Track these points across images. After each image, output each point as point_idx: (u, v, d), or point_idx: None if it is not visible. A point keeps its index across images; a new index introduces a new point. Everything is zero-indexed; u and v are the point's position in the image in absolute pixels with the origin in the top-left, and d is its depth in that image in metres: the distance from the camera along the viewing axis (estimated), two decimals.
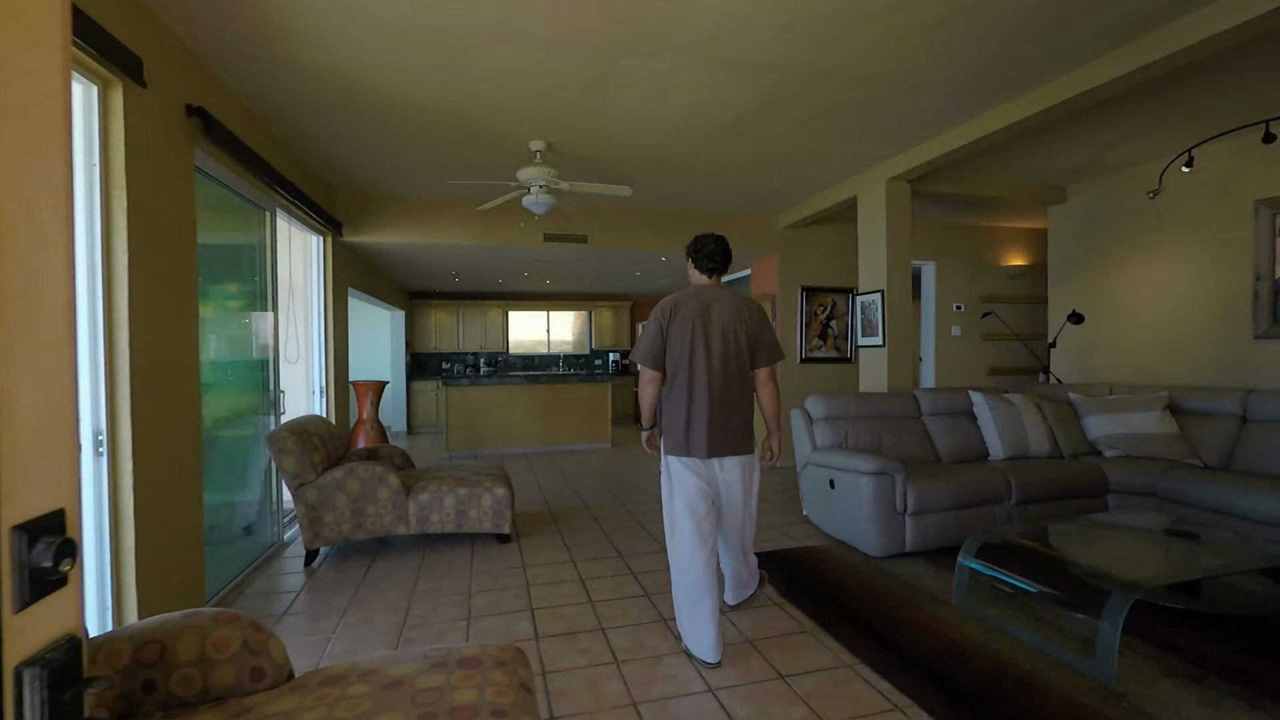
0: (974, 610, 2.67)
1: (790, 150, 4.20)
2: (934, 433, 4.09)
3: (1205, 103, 3.48)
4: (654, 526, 4.06)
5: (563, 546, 3.67)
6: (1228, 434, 3.78)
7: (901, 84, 3.17)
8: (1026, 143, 4.12)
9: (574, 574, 3.23)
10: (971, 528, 3.45)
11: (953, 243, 6.41)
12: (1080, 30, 2.68)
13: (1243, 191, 4.02)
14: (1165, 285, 4.51)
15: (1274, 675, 2.14)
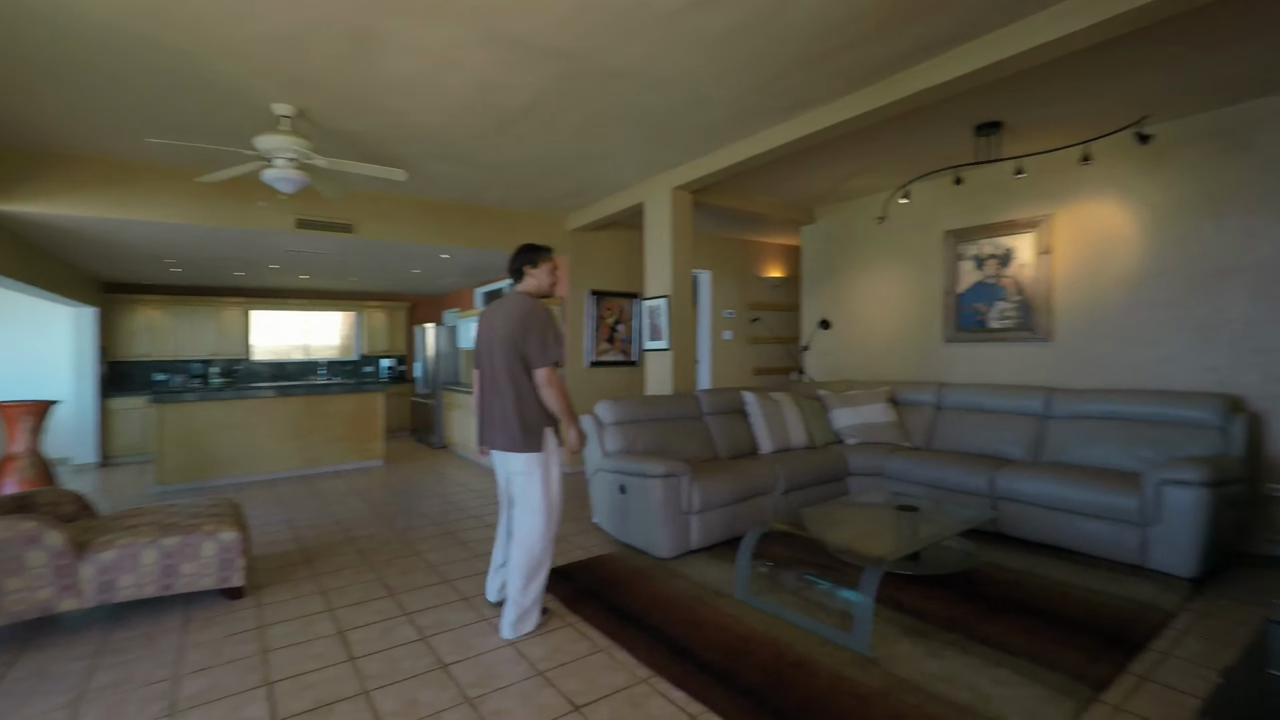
0: (755, 600, 2.80)
1: (582, 150, 4.11)
2: (714, 431, 4.32)
3: (914, 147, 4.20)
4: (434, 554, 3.63)
5: (317, 593, 3.06)
6: (928, 420, 4.62)
7: (690, 94, 3.25)
8: (786, 166, 4.59)
9: (331, 626, 2.69)
10: (748, 519, 3.69)
11: (725, 253, 6.98)
12: (826, 71, 3.00)
13: (938, 223, 4.97)
14: (888, 298, 5.39)
15: (976, 621, 2.57)
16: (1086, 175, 4.08)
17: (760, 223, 6.32)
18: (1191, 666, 2.20)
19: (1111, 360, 4.00)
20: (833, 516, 3.16)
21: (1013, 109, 3.53)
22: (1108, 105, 3.47)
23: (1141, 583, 2.93)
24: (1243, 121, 3.49)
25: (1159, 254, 3.81)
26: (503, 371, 2.53)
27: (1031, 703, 1.98)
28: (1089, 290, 4.12)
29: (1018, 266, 4.48)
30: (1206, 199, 3.62)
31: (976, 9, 2.49)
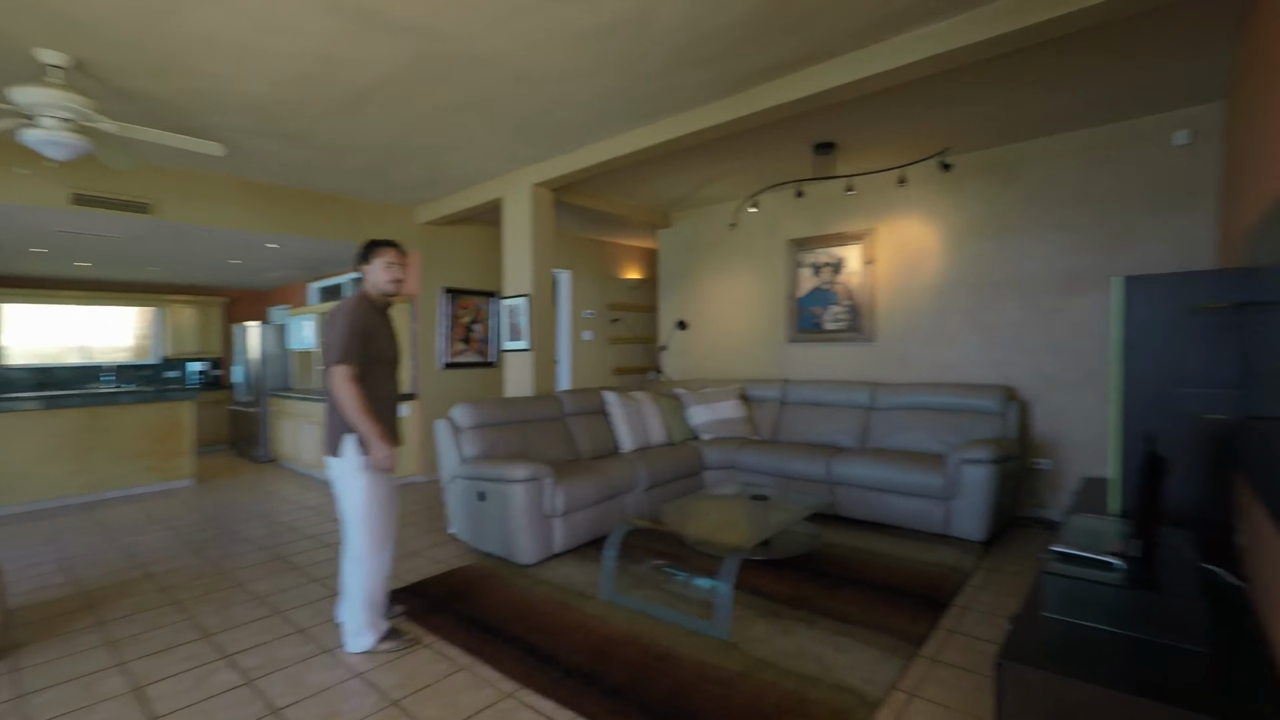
0: (620, 599, 2.81)
1: (436, 138, 3.86)
2: (575, 432, 4.29)
3: (762, 160, 4.50)
4: (261, 583, 3.20)
5: (103, 646, 2.53)
6: (774, 414, 4.98)
7: (555, 90, 3.18)
8: (646, 170, 4.69)
9: (122, 683, 2.24)
10: (611, 518, 3.70)
11: (584, 254, 6.98)
12: (688, 80, 3.11)
13: (782, 232, 5.38)
14: (739, 300, 5.73)
15: (820, 597, 2.81)
16: (903, 195, 4.65)
17: (619, 224, 6.41)
18: (986, 616, 2.59)
19: (922, 358, 4.60)
20: (691, 510, 3.27)
21: (845, 131, 3.91)
22: (921, 135, 3.98)
23: (946, 548, 3.39)
24: (1016, 159, 4.19)
25: (956, 267, 4.45)
26: (324, 375, 2.50)
27: (868, 665, 2.19)
28: (904, 297, 4.70)
29: (848, 274, 4.98)
30: (989, 222, 4.30)
31: (827, 35, 2.70)
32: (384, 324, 2.50)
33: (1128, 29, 2.68)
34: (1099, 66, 3.05)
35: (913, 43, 2.70)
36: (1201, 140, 3.54)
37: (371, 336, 2.40)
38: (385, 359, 2.48)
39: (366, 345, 2.37)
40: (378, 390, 2.42)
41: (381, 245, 2.47)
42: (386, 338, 2.49)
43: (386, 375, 2.50)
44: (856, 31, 2.68)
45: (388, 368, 2.50)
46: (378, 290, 2.47)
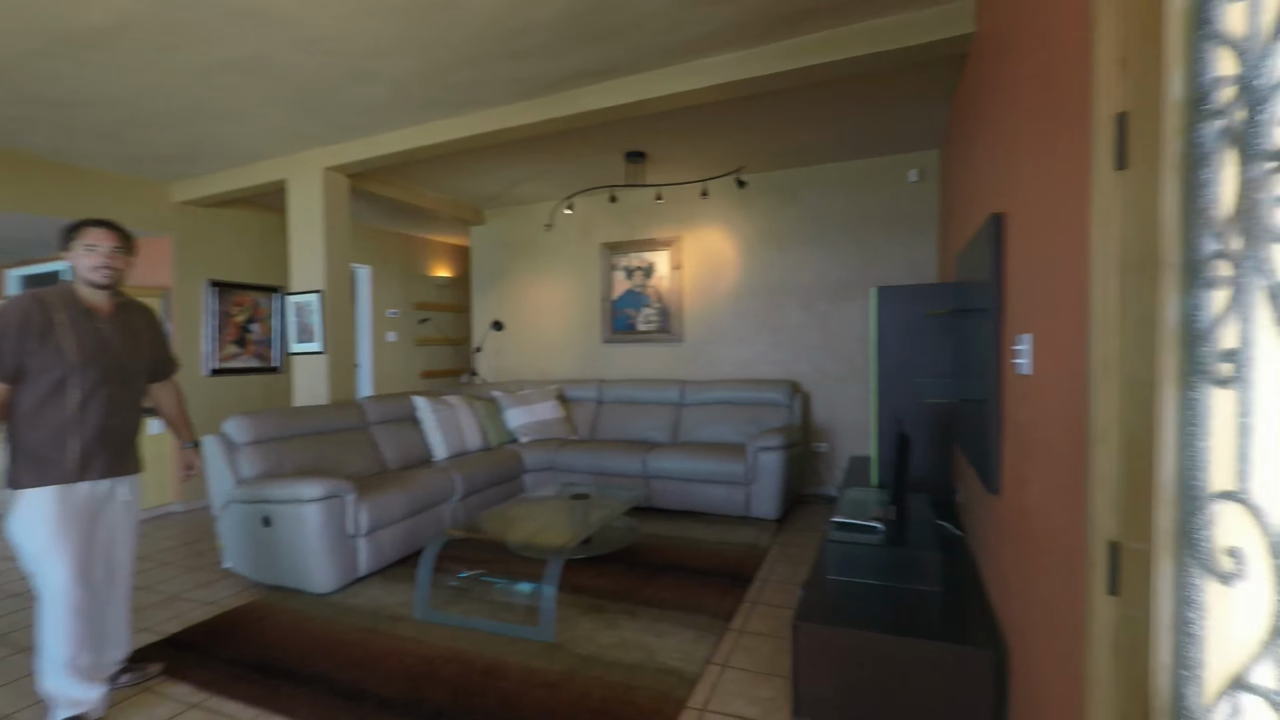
0: (437, 616, 2.65)
1: (200, 102, 3.25)
2: (381, 442, 3.94)
3: (578, 163, 4.56)
4: None
5: None
6: (592, 413, 5.09)
7: (351, 64, 2.87)
8: (457, 163, 4.46)
9: None
10: (425, 532, 3.47)
11: (387, 248, 6.44)
12: (500, 74, 3.03)
13: (597, 235, 5.50)
14: (555, 301, 5.73)
15: (640, 588, 2.93)
16: (704, 206, 5.04)
17: (427, 218, 6.02)
18: (783, 586, 2.93)
19: (724, 356, 5.05)
20: (511, 515, 3.21)
21: (655, 143, 4.13)
22: (721, 153, 4.36)
23: (747, 529, 3.77)
24: (795, 182, 4.79)
25: (750, 275, 4.96)
26: None
27: (686, 645, 2.35)
28: (708, 300, 5.11)
29: (658, 278, 5.27)
30: (776, 235, 4.87)
31: (633, 49, 2.82)
32: (87, 326, 1.96)
33: (871, 83, 3.23)
34: (852, 111, 3.63)
35: (708, 68, 2.96)
36: (926, 179, 4.40)
37: (43, 341, 1.87)
38: (94, 369, 1.95)
39: (28, 353, 1.87)
40: (58, 411, 1.90)
41: (84, 225, 1.99)
42: (92, 344, 1.96)
43: (95, 391, 1.96)
44: (659, 50, 2.86)
45: (101, 381, 1.97)
46: (88, 281, 1.98)
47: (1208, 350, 0.76)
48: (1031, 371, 1.50)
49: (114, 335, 2.03)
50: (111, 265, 1.99)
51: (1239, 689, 0.66)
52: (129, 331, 2.09)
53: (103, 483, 2.01)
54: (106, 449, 2.00)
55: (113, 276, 2.01)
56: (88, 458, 1.96)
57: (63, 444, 1.92)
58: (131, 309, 2.15)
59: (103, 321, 2.01)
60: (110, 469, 2.02)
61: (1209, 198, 0.79)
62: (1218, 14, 0.79)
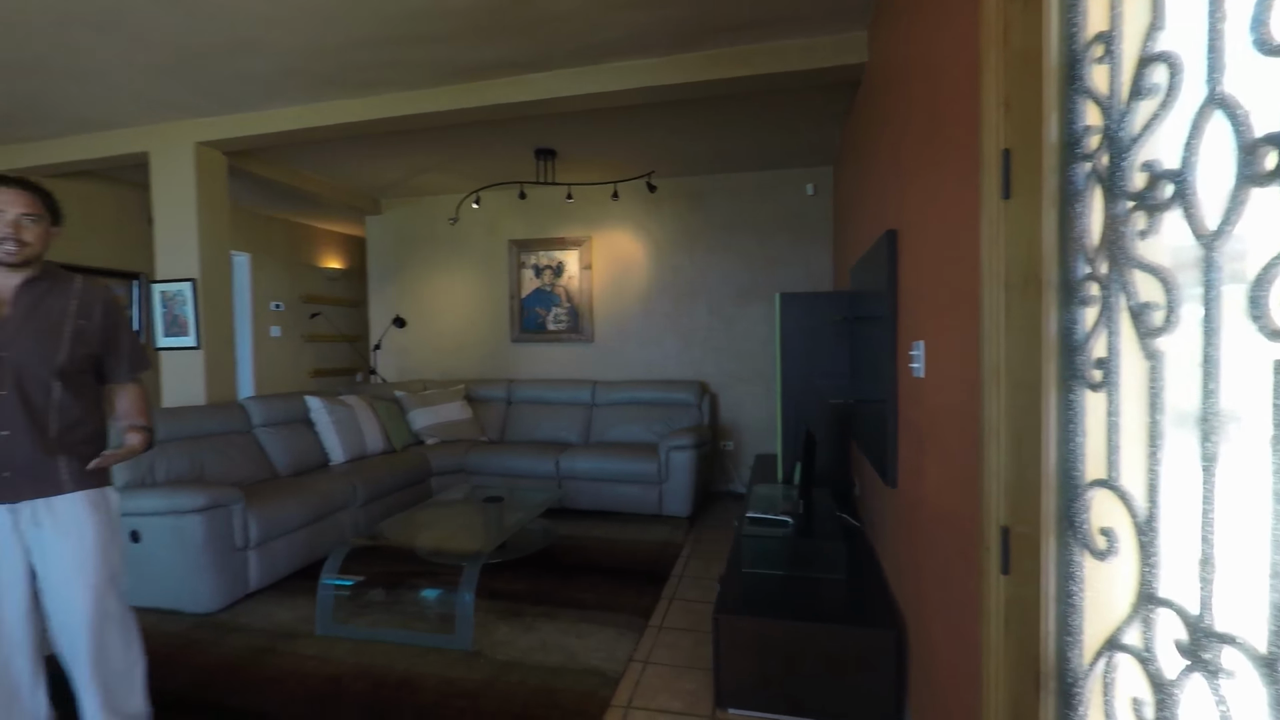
0: (342, 630, 2.49)
1: (36, 56, 2.82)
2: (269, 446, 3.63)
3: (486, 156, 4.43)
4: None
5: None
6: (501, 414, 4.98)
7: (230, 30, 2.61)
8: (352, 147, 4.19)
9: None
10: (324, 542, 3.24)
11: (270, 236, 5.93)
12: (406, 58, 2.89)
13: (504, 232, 5.37)
14: (460, 298, 5.53)
15: (558, 589, 2.91)
16: (614, 208, 5.08)
17: (316, 204, 5.60)
18: (698, 581, 3.03)
19: (634, 357, 5.12)
20: (420, 520, 3.08)
21: (566, 141, 4.11)
22: (632, 156, 4.41)
23: (661, 527, 3.85)
24: (703, 188, 4.95)
25: (660, 277, 5.06)
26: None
27: (608, 645, 2.37)
28: (618, 301, 5.15)
29: (568, 278, 5.25)
30: (684, 240, 5.00)
31: (548, 46, 2.80)
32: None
33: (775, 99, 3.41)
34: (757, 124, 3.82)
35: (622, 72, 3.01)
36: (821, 193, 4.71)
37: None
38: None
39: None
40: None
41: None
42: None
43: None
44: (576, 49, 2.86)
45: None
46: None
47: (1083, 359, 0.90)
48: (924, 375, 1.67)
49: (10, 324, 1.60)
50: (19, 238, 1.57)
51: (1113, 649, 0.78)
52: (37, 318, 1.63)
53: (2, 508, 1.58)
54: (3, 468, 1.58)
55: (22, 253, 1.58)
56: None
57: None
58: (55, 292, 1.67)
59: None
60: (6, 493, 1.58)
61: (1081, 228, 0.93)
62: (1085, 72, 0.92)
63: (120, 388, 1.83)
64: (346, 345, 6.68)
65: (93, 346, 1.71)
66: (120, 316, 1.80)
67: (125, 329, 1.81)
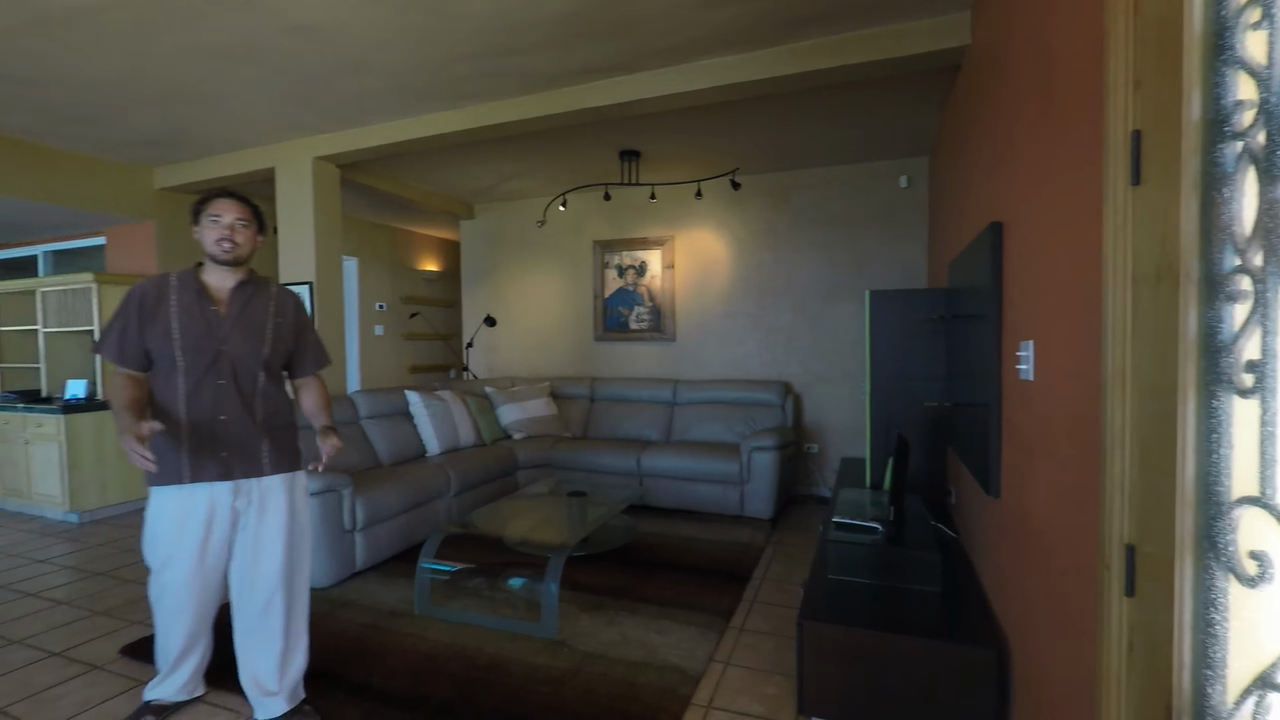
0: (437, 612, 2.64)
1: (184, 85, 3.18)
2: (373, 436, 3.91)
3: (572, 159, 4.54)
4: None
5: None
6: (584, 411, 5.09)
7: (346, 52, 2.83)
8: (448, 156, 4.43)
9: None
10: (420, 528, 3.45)
11: (375, 241, 6.37)
12: (499, 69, 3.01)
13: (589, 233, 5.49)
14: (547, 298, 5.71)
15: (638, 585, 2.95)
16: (697, 207, 5.07)
17: (415, 211, 5.96)
18: (780, 584, 2.97)
19: (716, 356, 5.08)
20: (508, 512, 3.20)
21: (650, 142, 4.14)
22: (715, 154, 4.38)
23: (742, 528, 3.81)
24: (788, 184, 4.83)
25: (743, 275, 4.99)
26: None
27: (688, 643, 2.37)
28: (700, 300, 5.14)
29: (650, 277, 5.29)
30: (768, 237, 4.91)
31: (636, 48, 2.83)
32: (196, 308, 1.79)
33: (866, 89, 3.28)
34: (846, 116, 3.68)
35: (707, 70, 3.00)
36: (916, 185, 4.47)
37: (155, 324, 1.75)
38: (200, 357, 1.77)
39: (147, 338, 1.76)
40: (171, 404, 1.77)
41: (211, 197, 1.84)
42: (198, 328, 1.77)
43: (202, 382, 1.78)
44: (660, 50, 2.87)
45: (209, 371, 1.78)
46: (208, 257, 1.83)
47: (1230, 361, 0.80)
48: (1033, 377, 1.55)
49: (227, 320, 1.81)
50: (233, 239, 1.81)
51: (1265, 688, 0.70)
52: (247, 317, 1.85)
53: (221, 486, 1.80)
54: (221, 448, 1.79)
55: (234, 252, 1.81)
56: (198, 457, 1.77)
57: (179, 440, 1.76)
58: (260, 294, 1.90)
59: (215, 305, 1.82)
60: (226, 471, 1.79)
61: (1230, 215, 0.83)
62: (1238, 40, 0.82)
63: (304, 381, 2.05)
64: (442, 343, 7.07)
65: (287, 342, 1.93)
66: (306, 316, 2.04)
67: (310, 327, 2.05)
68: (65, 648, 2.44)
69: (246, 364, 1.83)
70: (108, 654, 2.38)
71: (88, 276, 4.50)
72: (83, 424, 4.30)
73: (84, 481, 4.28)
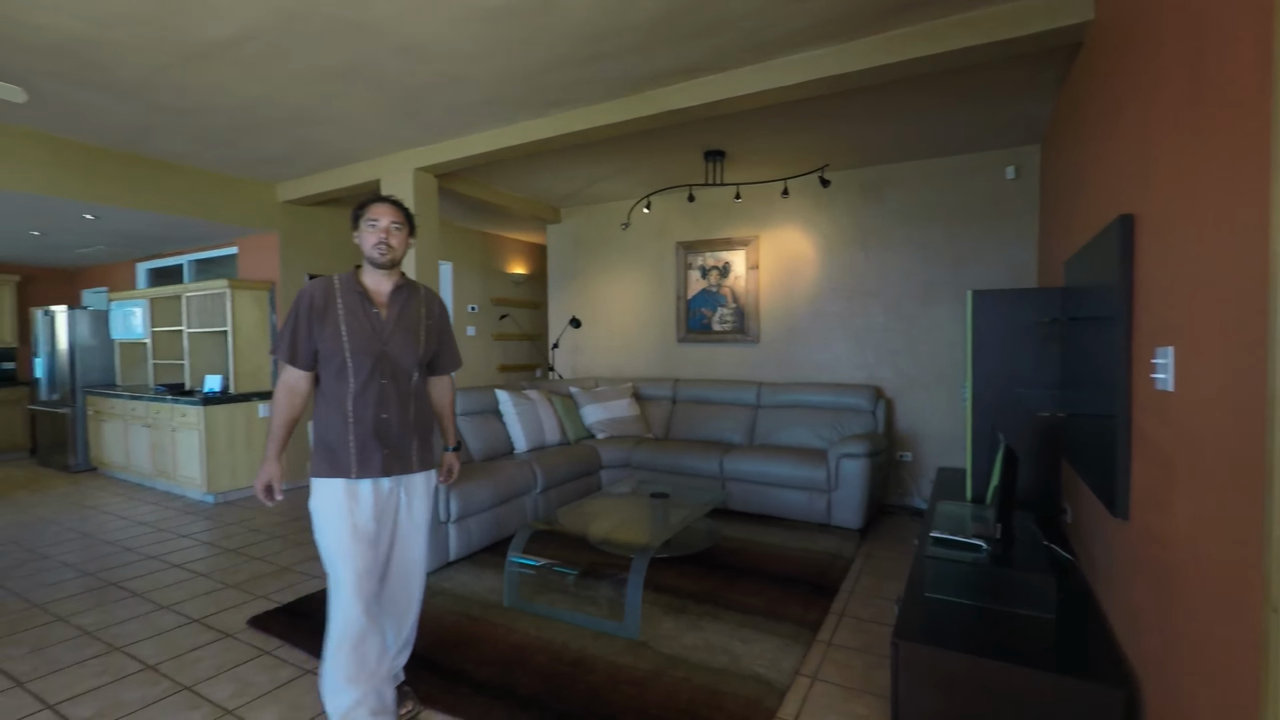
0: (525, 605, 2.73)
1: (305, 108, 3.47)
2: (466, 433, 4.09)
3: (655, 161, 4.56)
4: (86, 616, 2.70)
5: None
6: (666, 412, 5.10)
7: (445, 68, 2.98)
8: (536, 162, 4.56)
9: None
10: (509, 522, 3.58)
11: (467, 245, 6.68)
12: (589, 74, 3.06)
13: (672, 234, 5.50)
14: (630, 299, 5.78)
15: (721, 590, 2.91)
16: (783, 205, 4.95)
17: (504, 216, 6.19)
18: (870, 599, 2.84)
19: (802, 358, 4.94)
20: (591, 511, 3.25)
21: (735, 141, 4.08)
22: (802, 151, 4.26)
23: (829, 537, 3.68)
24: (880, 179, 4.62)
25: (830, 275, 4.82)
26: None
27: (772, 653, 2.32)
28: (785, 301, 5.01)
29: (734, 278, 5.21)
30: (858, 235, 4.71)
31: (726, 46, 2.80)
32: (360, 311, 1.85)
33: (974, 76, 3.06)
34: (946, 105, 3.45)
35: (798, 64, 2.90)
36: (1025, 176, 4.14)
37: (324, 325, 1.82)
38: (365, 357, 1.83)
39: (318, 339, 1.82)
40: (341, 402, 1.83)
41: (369, 202, 1.89)
42: (363, 330, 1.83)
43: (368, 382, 1.83)
44: (748, 47, 2.81)
45: (374, 371, 1.84)
46: (367, 261, 1.89)
47: None
48: (1173, 387, 1.39)
49: (388, 322, 1.89)
50: (389, 242, 1.86)
51: None
52: (404, 319, 1.92)
53: (383, 481, 1.86)
54: (383, 445, 1.84)
55: (390, 255, 1.87)
56: (364, 453, 1.82)
57: (346, 437, 1.82)
58: (414, 296, 1.97)
59: (377, 307, 1.88)
60: (387, 467, 1.85)
61: None
62: None
63: (437, 380, 2.13)
64: (528, 343, 7.32)
65: (434, 342, 2.01)
66: (448, 318, 2.12)
67: (450, 328, 2.12)
68: (203, 615, 2.72)
69: (404, 364, 1.89)
70: (238, 624, 2.63)
71: (223, 282, 5.01)
72: (218, 415, 4.79)
73: (218, 466, 4.77)
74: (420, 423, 1.96)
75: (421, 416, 1.98)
